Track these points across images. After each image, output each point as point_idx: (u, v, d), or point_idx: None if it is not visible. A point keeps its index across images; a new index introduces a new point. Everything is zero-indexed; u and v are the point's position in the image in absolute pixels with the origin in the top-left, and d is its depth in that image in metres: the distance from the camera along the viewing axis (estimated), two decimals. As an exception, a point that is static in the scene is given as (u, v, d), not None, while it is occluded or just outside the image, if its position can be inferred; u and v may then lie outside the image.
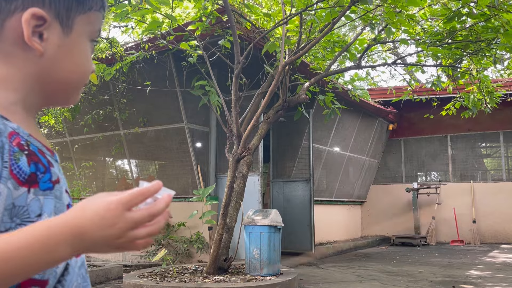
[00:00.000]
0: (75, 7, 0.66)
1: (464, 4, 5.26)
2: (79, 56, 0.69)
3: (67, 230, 0.52)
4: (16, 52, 0.63)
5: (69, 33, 0.66)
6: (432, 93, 8.30)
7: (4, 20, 0.62)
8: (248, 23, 5.36)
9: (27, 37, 0.62)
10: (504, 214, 9.95)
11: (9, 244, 0.49)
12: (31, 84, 0.65)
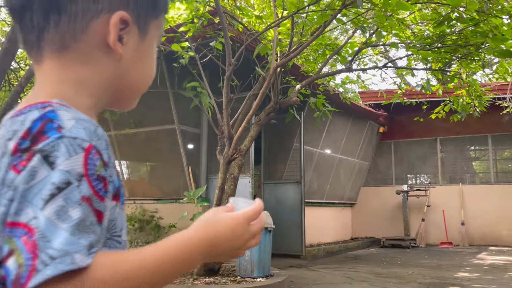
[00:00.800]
0: (151, 12, 0.66)
1: (454, 9, 5.33)
2: (150, 61, 0.69)
3: (204, 243, 0.58)
4: (97, 55, 0.61)
5: (144, 37, 0.66)
6: (422, 97, 8.38)
7: (89, 21, 0.59)
8: (239, 25, 5.38)
9: (113, 40, 0.60)
10: (492, 216, 10.07)
11: (158, 258, 0.54)
12: (105, 89, 0.63)
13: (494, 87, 8.75)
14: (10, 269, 0.47)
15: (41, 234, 0.47)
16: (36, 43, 0.60)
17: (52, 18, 0.58)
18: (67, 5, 0.58)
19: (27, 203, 0.48)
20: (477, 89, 6.94)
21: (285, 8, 5.28)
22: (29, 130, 0.52)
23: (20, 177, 0.49)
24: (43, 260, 0.46)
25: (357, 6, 4.03)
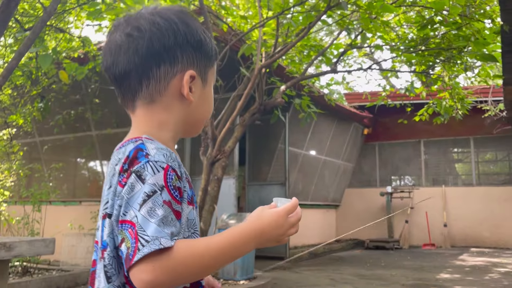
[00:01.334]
0: (208, 64, 0.89)
1: (437, 12, 5.37)
2: (210, 100, 0.93)
3: (255, 233, 0.77)
4: (174, 103, 0.85)
5: (205, 84, 0.89)
6: (406, 99, 8.45)
7: (170, 80, 0.84)
8: (224, 25, 5.33)
9: (186, 92, 0.84)
10: (473, 218, 10.20)
11: (220, 243, 0.74)
12: (180, 125, 0.87)
13: (476, 90, 8.86)
14: (123, 251, 0.72)
15: (139, 226, 0.70)
16: (131, 100, 0.86)
17: (144, 83, 0.83)
18: (155, 72, 0.83)
19: (130, 207, 0.73)
20: (459, 92, 7.01)
21: (270, 8, 5.26)
22: (128, 157, 0.77)
23: (124, 190, 0.74)
24: (142, 243, 0.69)
25: (342, 8, 4.03)
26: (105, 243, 0.77)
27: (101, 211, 0.80)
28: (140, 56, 0.82)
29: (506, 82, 6.35)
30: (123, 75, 0.83)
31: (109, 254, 0.76)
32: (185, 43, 0.84)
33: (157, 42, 0.82)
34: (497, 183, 10.53)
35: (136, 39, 0.82)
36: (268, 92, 6.43)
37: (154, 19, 0.83)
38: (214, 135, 4.77)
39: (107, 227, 0.77)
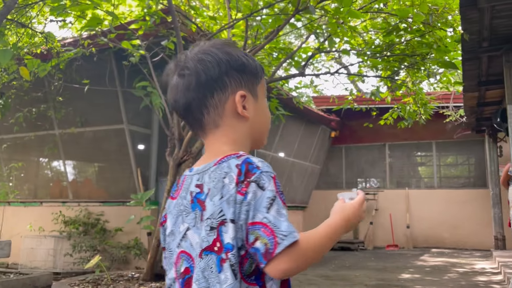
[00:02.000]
0: (255, 81, 1.00)
1: (402, 20, 5.52)
2: (266, 111, 1.04)
3: (343, 222, 0.94)
4: (235, 122, 0.97)
5: (256, 99, 1.00)
6: (372, 103, 8.64)
7: (224, 104, 0.95)
8: (193, 25, 5.29)
9: (240, 110, 0.96)
10: (435, 219, 10.54)
11: (325, 232, 0.90)
12: (247, 139, 0.99)
13: (438, 96, 9.17)
14: (258, 247, 0.82)
15: (273, 225, 0.82)
16: (200, 129, 0.98)
17: (204, 112, 0.96)
18: (210, 101, 0.95)
19: (257, 211, 0.83)
20: (422, 97, 7.23)
21: (239, 10, 5.26)
22: (241, 170, 0.86)
23: (249, 197, 0.84)
24: (280, 237, 0.81)
25: (310, 12, 4.07)
26: (230, 246, 0.85)
27: (208, 223, 0.87)
28: (193, 91, 0.95)
29: (465, 89, 6.60)
30: (185, 109, 0.98)
31: (234, 255, 0.84)
32: (229, 69, 0.96)
33: (204, 75, 0.95)
34: (457, 186, 10.92)
35: (187, 77, 0.96)
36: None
37: (198, 56, 0.97)
38: (181, 135, 4.72)
39: (231, 231, 0.85)
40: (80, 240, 6.28)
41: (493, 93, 7.03)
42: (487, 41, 5.06)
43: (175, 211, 0.97)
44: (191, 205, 0.92)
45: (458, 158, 11.47)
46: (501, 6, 4.31)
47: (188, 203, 0.93)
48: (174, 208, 0.97)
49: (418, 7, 5.05)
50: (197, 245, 0.89)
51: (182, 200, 0.95)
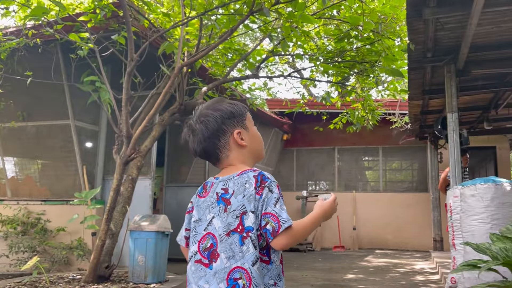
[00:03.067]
0: (243, 118, 1.42)
1: (353, 27, 5.70)
2: (257, 135, 1.45)
3: (322, 213, 1.36)
4: (239, 150, 1.39)
5: (247, 130, 1.42)
6: (323, 107, 8.83)
7: (228, 141, 1.38)
8: (146, 21, 5.17)
9: (240, 142, 1.38)
10: (379, 222, 10.95)
11: (309, 221, 1.32)
12: (251, 158, 1.42)
13: (386, 103, 9.55)
14: (268, 228, 1.24)
15: (278, 214, 1.24)
16: (218, 162, 1.40)
17: (217, 151, 1.38)
18: (218, 144, 1.37)
19: (268, 205, 1.26)
20: (371, 103, 7.49)
21: (194, 8, 5.21)
22: (257, 179, 1.29)
23: (263, 196, 1.27)
24: (282, 222, 1.23)
25: (264, 14, 4.11)
26: (251, 227, 1.27)
27: (235, 213, 1.30)
28: (205, 142, 1.39)
29: (411, 97, 6.90)
30: (203, 154, 1.41)
31: (254, 234, 1.27)
32: (223, 120, 1.39)
33: (208, 131, 1.38)
34: (401, 190, 11.40)
35: (197, 135, 1.39)
36: (190, 92, 6.36)
37: (200, 119, 1.39)
38: (129, 133, 4.60)
39: (251, 218, 1.27)
40: (18, 241, 5.94)
41: (436, 102, 7.40)
42: (431, 51, 5.31)
43: (203, 206, 1.37)
44: (216, 202, 1.34)
45: (403, 163, 11.97)
46: (445, 19, 4.54)
47: (214, 200, 1.35)
48: (203, 203, 1.38)
49: (369, 16, 5.22)
50: (220, 228, 1.31)
51: (210, 198, 1.36)
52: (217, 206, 1.33)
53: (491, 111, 7.54)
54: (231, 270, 1.27)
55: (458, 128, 5.42)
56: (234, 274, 1.26)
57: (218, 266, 1.28)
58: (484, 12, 4.14)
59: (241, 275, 1.25)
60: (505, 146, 10.48)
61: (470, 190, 4.45)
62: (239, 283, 1.24)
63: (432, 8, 4.22)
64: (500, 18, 4.55)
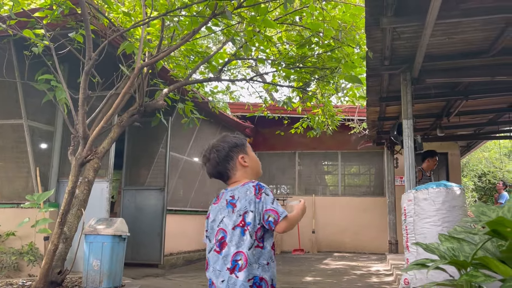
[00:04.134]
0: (244, 146, 1.96)
1: (314, 33, 5.81)
2: (255, 158, 2.00)
3: (301, 212, 1.89)
4: (243, 169, 1.92)
5: (247, 154, 1.96)
6: (284, 112, 8.93)
7: (235, 164, 1.91)
8: (105, 19, 5.05)
9: (243, 164, 1.92)
10: (337, 225, 11.17)
11: (296, 214, 1.86)
12: (251, 174, 1.94)
13: (345, 109, 9.77)
14: (271, 220, 1.75)
15: (276, 209, 1.76)
16: (228, 179, 1.93)
17: (227, 172, 1.93)
18: (229, 167, 1.92)
19: (267, 204, 1.78)
20: (330, 109, 7.65)
21: (156, 9, 5.14)
22: (256, 188, 1.80)
23: (262, 199, 1.78)
24: (280, 214, 1.76)
25: (226, 16, 4.11)
26: (249, 222, 1.75)
27: (239, 212, 1.79)
28: (219, 166, 1.92)
29: (368, 103, 7.11)
30: (218, 175, 1.94)
31: (251, 227, 1.75)
32: (230, 148, 1.92)
33: (219, 158, 1.91)
34: (359, 194, 11.69)
35: (211, 161, 1.93)
36: (150, 94, 6.26)
37: (213, 150, 1.93)
38: (85, 133, 4.46)
39: (250, 216, 1.76)
40: (-37, 246, 5.62)
41: (392, 109, 7.66)
42: (388, 60, 5.49)
43: (216, 209, 1.89)
44: (226, 206, 1.85)
45: (361, 168, 12.28)
46: (401, 29, 4.72)
47: (224, 205, 1.86)
48: (215, 208, 1.90)
49: (329, 23, 5.34)
50: (228, 225, 1.80)
51: (221, 203, 1.88)
52: (226, 209, 1.84)
53: (443, 118, 7.89)
54: (234, 254, 1.75)
55: (413, 134, 5.63)
56: (236, 257, 1.74)
57: (225, 252, 1.77)
58: (437, 24, 4.33)
59: (240, 257, 1.74)
60: (456, 153, 10.98)
61: (423, 194, 4.62)
62: (239, 263, 1.73)
63: (389, 17, 4.37)
64: (453, 30, 4.77)
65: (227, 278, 1.73)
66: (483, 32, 4.81)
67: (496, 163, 18.81)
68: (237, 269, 1.71)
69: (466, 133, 9.79)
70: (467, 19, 4.34)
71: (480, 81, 6.04)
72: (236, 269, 1.72)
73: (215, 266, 1.78)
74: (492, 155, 19.00)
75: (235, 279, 1.71)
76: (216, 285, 1.77)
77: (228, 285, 1.71)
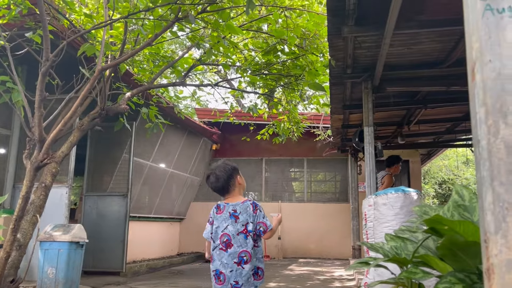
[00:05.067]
0: (238, 170, 2.74)
1: (279, 41, 5.88)
2: (243, 179, 2.79)
3: (278, 223, 2.65)
4: (238, 186, 2.68)
5: (241, 176, 2.74)
6: (250, 118, 8.97)
7: (235, 182, 2.65)
8: (65, 20, 4.94)
9: (240, 182, 2.70)
10: (303, 231, 11.26)
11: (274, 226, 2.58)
12: (242, 191, 2.71)
13: (310, 116, 9.91)
14: (261, 230, 2.55)
15: (265, 222, 2.57)
16: (228, 193, 2.65)
17: (229, 187, 2.64)
18: (230, 183, 2.64)
19: (259, 218, 2.57)
20: (295, 116, 7.74)
21: (119, 11, 5.07)
22: (253, 205, 2.59)
23: (257, 214, 2.57)
24: (268, 226, 2.56)
25: (189, 21, 4.10)
26: (251, 230, 2.49)
27: (242, 223, 2.52)
28: (223, 182, 2.60)
29: (332, 111, 7.23)
30: (222, 189, 2.62)
31: (251, 233, 2.49)
32: (232, 170, 2.64)
33: (225, 176, 2.61)
34: (324, 200, 11.83)
35: (219, 178, 2.61)
36: (113, 98, 6.15)
37: (219, 169, 2.63)
38: (42, 137, 4.32)
39: (250, 225, 2.50)
40: None
41: (356, 116, 7.82)
42: (350, 68, 5.61)
43: (220, 218, 2.55)
44: (229, 217, 2.53)
45: (326, 175, 12.46)
46: (362, 38, 4.84)
47: (227, 216, 2.53)
48: (220, 217, 2.56)
49: (293, 31, 5.42)
50: (232, 231, 2.49)
51: (224, 214, 2.54)
52: (230, 219, 2.54)
53: (404, 127, 8.12)
54: (240, 252, 2.48)
55: (374, 141, 5.76)
56: (242, 254, 2.47)
57: (232, 250, 2.48)
58: (396, 34, 4.47)
59: (245, 254, 2.47)
60: (417, 160, 11.32)
61: (382, 199, 4.73)
62: (244, 258, 2.46)
63: (350, 27, 4.47)
64: (411, 41, 4.94)
65: (235, 268, 2.45)
66: (439, 43, 5.01)
67: (455, 171, 19.51)
68: (243, 263, 2.46)
69: (426, 141, 10.12)
70: (424, 30, 4.50)
71: (438, 90, 6.27)
72: (242, 263, 2.46)
73: (222, 260, 2.49)
74: (451, 163, 19.71)
75: (242, 269, 2.45)
76: (225, 274, 2.46)
77: (236, 273, 2.44)
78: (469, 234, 1.21)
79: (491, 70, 0.98)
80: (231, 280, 2.42)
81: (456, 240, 1.20)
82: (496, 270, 0.91)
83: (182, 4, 4.14)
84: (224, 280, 2.45)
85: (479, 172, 0.99)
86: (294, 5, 5.81)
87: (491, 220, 0.93)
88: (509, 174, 0.92)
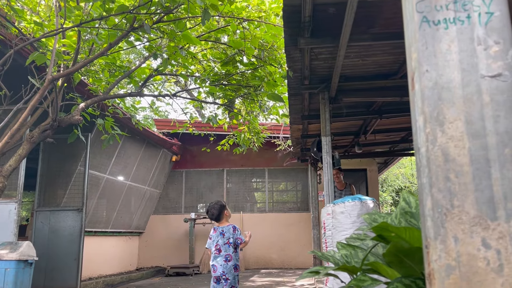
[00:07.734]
0: (226, 205, 4.36)
1: (237, 51, 5.90)
2: (229, 210, 4.44)
3: (248, 240, 4.23)
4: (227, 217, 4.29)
5: (228, 210, 4.34)
6: (210, 129, 8.91)
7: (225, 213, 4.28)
8: (14, 29, 4.74)
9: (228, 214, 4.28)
10: (265, 242, 11.24)
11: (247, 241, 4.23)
12: (228, 219, 4.33)
13: (270, 127, 9.97)
14: (238, 242, 4.16)
15: (241, 238, 4.17)
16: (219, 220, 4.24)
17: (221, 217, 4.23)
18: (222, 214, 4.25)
19: (238, 235, 4.18)
20: (255, 126, 7.76)
21: (72, 21, 4.92)
22: (234, 228, 4.19)
23: (236, 233, 4.18)
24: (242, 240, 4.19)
25: (144, 30, 4.04)
26: (232, 242, 4.03)
27: (227, 238, 4.05)
28: (217, 215, 4.16)
29: (291, 121, 7.32)
30: (216, 217, 4.16)
31: (232, 245, 4.04)
32: (222, 207, 4.21)
33: (219, 209, 4.18)
34: (285, 210, 11.89)
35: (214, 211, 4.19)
36: (67, 108, 5.94)
37: (214, 207, 4.19)
38: (-13, 150, 4.09)
39: (231, 240, 4.03)
40: None
41: (314, 127, 7.94)
42: (307, 79, 5.70)
43: (215, 235, 4.07)
44: (219, 234, 4.06)
45: (288, 185, 12.55)
46: (318, 50, 4.94)
47: (219, 234, 4.07)
48: (215, 235, 4.08)
49: (251, 42, 5.45)
50: (220, 242, 4.02)
51: (217, 233, 4.08)
52: (220, 236, 4.01)
53: (361, 136, 8.33)
54: (225, 254, 3.94)
55: (331, 150, 5.86)
56: (227, 256, 3.94)
57: (222, 253, 3.95)
58: (350, 46, 4.60)
59: (230, 256, 3.96)
60: (374, 169, 11.62)
61: (340, 207, 4.80)
62: (228, 258, 3.94)
63: (306, 38, 4.55)
64: (365, 52, 5.09)
65: (224, 264, 3.91)
66: (391, 55, 5.19)
67: (410, 179, 20.19)
68: (228, 261, 3.92)
69: (382, 150, 10.41)
70: (376, 42, 4.65)
71: (392, 101, 6.48)
72: (227, 261, 3.92)
73: (217, 259, 3.95)
74: (407, 171, 20.39)
75: (227, 264, 3.91)
76: (217, 266, 3.93)
77: (224, 267, 3.91)
78: (414, 241, 1.24)
79: (428, 80, 1.01)
80: (220, 270, 3.93)
81: (401, 247, 1.21)
82: (436, 275, 0.93)
83: (137, 13, 4.07)
84: (216, 270, 3.95)
85: (420, 179, 1.01)
86: (251, 16, 5.85)
87: (430, 225, 0.95)
88: (447, 181, 0.95)
